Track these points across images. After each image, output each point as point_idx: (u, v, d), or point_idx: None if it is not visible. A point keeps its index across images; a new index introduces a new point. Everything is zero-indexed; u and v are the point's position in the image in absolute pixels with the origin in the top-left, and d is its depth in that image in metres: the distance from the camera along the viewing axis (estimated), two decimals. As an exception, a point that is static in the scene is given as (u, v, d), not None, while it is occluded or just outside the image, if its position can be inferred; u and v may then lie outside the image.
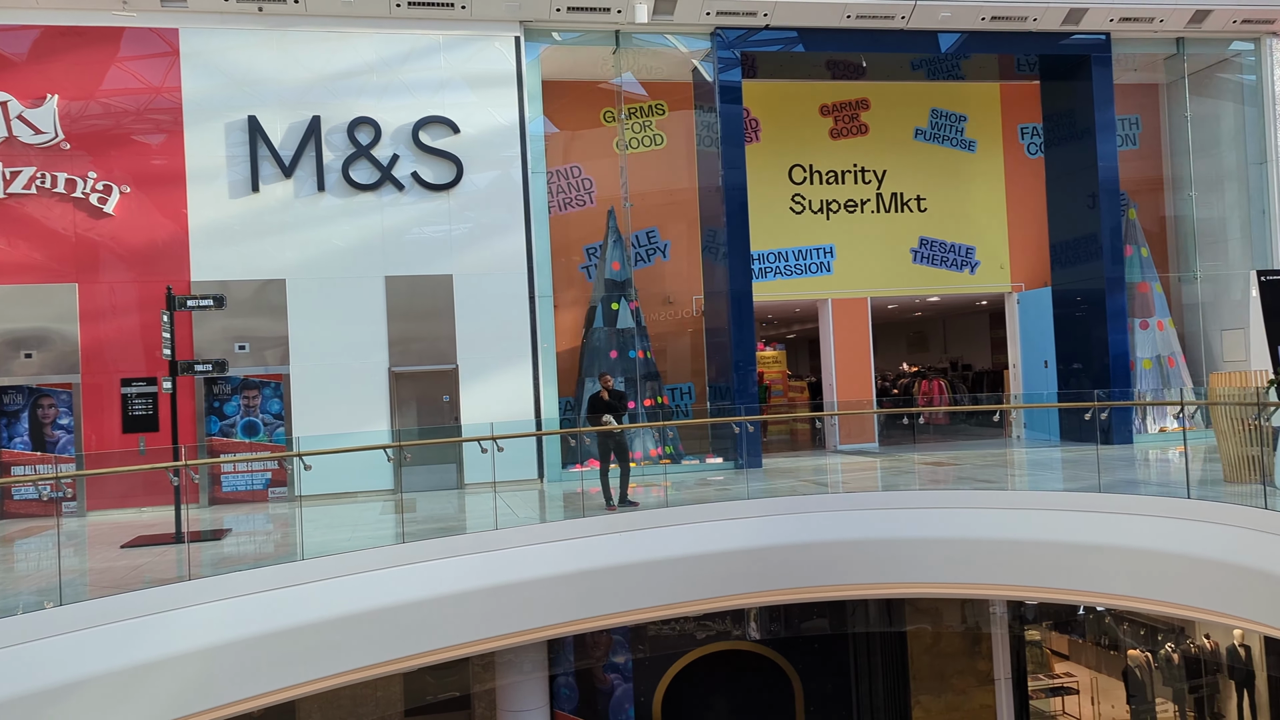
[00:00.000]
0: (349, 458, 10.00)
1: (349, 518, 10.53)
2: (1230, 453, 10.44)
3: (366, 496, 11.99)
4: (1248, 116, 15.93)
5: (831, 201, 16.19)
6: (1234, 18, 14.87)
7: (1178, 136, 16.87)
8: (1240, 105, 16.06)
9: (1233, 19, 14.89)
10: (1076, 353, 15.59)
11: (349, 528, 9.98)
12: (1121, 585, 9.90)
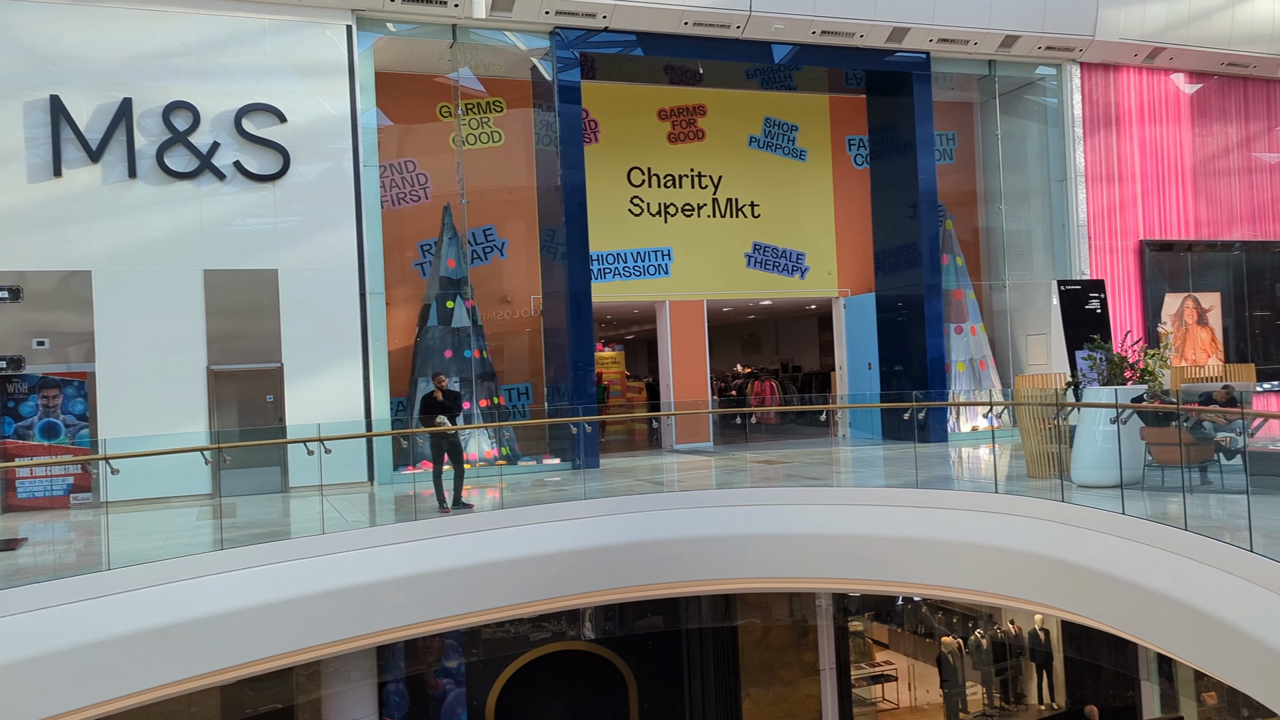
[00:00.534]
0: (163, 461, 9.42)
1: (162, 524, 9.92)
2: (1033, 449, 11.16)
3: (181, 502, 11.32)
4: (1051, 136, 17.10)
5: (669, 205, 16.42)
6: (1039, 44, 15.94)
7: (989, 153, 17.95)
8: (1045, 125, 17.24)
9: (1038, 45, 15.96)
10: (898, 355, 16.36)
11: (162, 535, 9.40)
12: (937, 576, 10.41)
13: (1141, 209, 17.91)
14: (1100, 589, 8.61)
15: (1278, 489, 8.67)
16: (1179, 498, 8.55)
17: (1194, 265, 18.63)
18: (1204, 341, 18.77)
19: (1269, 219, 19.03)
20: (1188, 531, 7.71)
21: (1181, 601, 7.57)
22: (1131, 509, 8.68)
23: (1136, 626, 8.47)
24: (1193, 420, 9.91)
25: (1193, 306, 18.68)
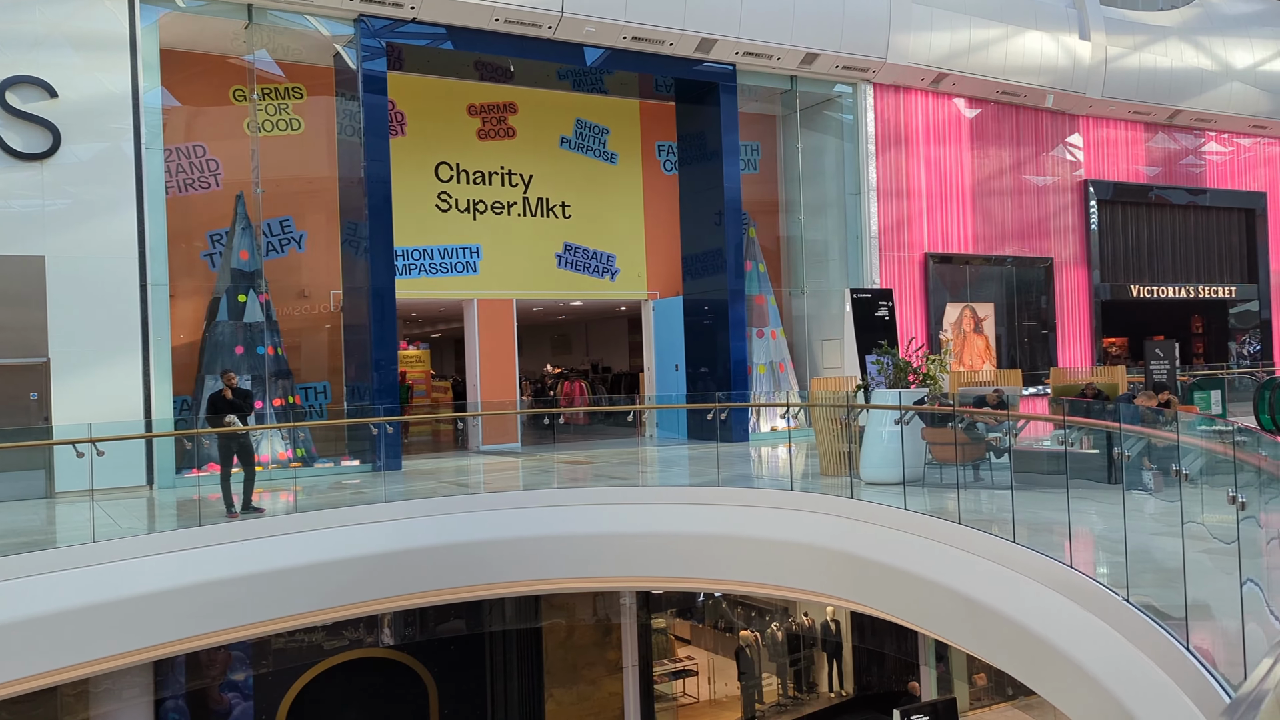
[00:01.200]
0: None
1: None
2: (826, 449, 11.68)
3: (-75, 510, 10.19)
4: (847, 152, 17.99)
5: (479, 202, 16.19)
6: (837, 63, 16.73)
7: (790, 165, 18.69)
8: (841, 141, 18.11)
9: (836, 64, 16.75)
10: (704, 358, 16.76)
11: (-102, 548, 8.42)
12: (737, 571, 10.71)
13: (927, 224, 19.11)
14: (884, 580, 9.08)
15: (1039, 484, 9.44)
16: (956, 493, 9.14)
17: (972, 277, 20.06)
18: (980, 348, 20.22)
19: (1036, 236, 20.72)
20: (961, 525, 8.25)
21: (955, 590, 8.08)
22: (913, 504, 9.20)
23: (916, 615, 8.98)
24: (967, 421, 10.63)
25: (970, 316, 20.09)
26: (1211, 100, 21.73)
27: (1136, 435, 7.11)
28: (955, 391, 13.00)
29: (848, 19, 16.37)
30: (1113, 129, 21.80)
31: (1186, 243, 23.31)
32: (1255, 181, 23.89)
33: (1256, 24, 22.65)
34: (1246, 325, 24.27)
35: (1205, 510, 5.29)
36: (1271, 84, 22.39)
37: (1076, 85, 19.79)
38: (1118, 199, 21.98)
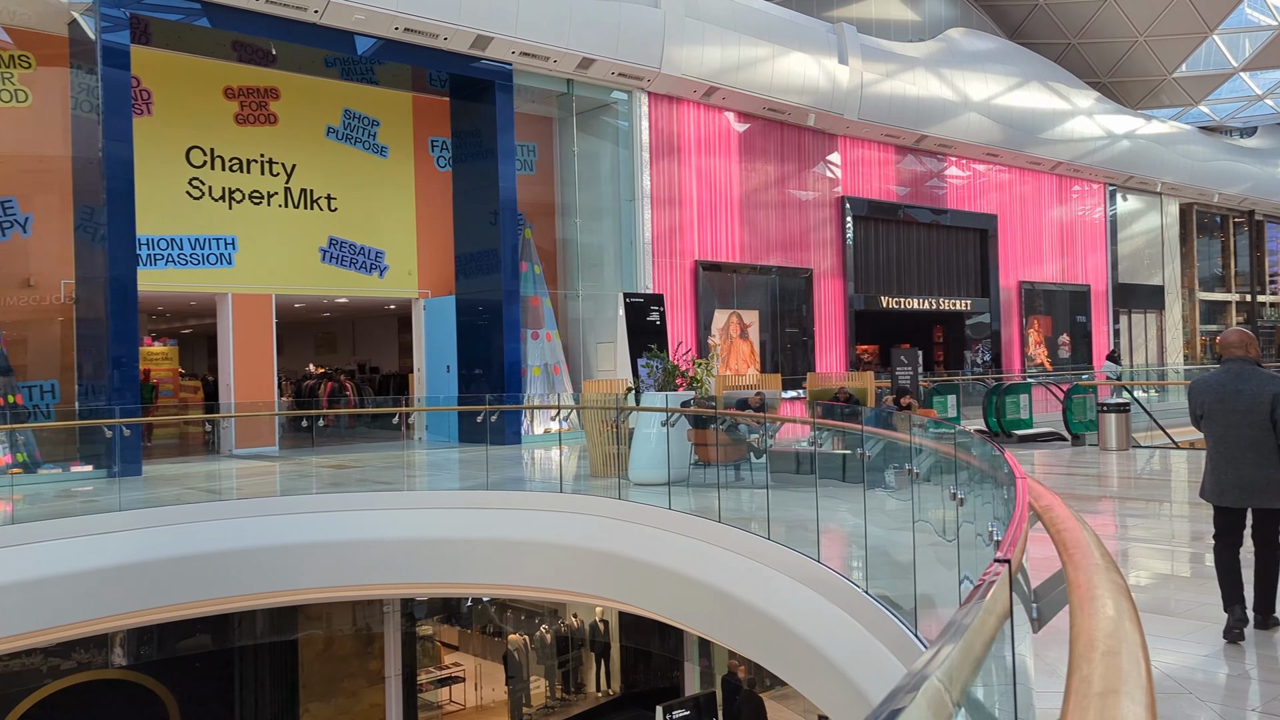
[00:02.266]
0: None
1: None
2: (596, 450, 11.76)
3: None
4: (622, 158, 18.25)
5: (235, 190, 15.22)
6: (613, 70, 16.94)
7: (567, 168, 18.76)
8: (617, 147, 18.36)
9: (612, 71, 16.95)
10: (477, 359, 16.51)
11: None
12: (506, 575, 10.60)
13: (698, 232, 19.70)
14: (649, 580, 9.23)
15: (795, 483, 9.89)
16: (717, 493, 9.41)
17: (739, 285, 20.85)
18: (745, 353, 21.05)
19: (798, 248, 21.82)
20: (721, 523, 8.50)
21: (714, 587, 8.32)
22: (677, 504, 9.41)
23: (679, 613, 9.19)
24: (728, 423, 11.00)
25: (737, 322, 20.88)
26: (952, 128, 23.65)
27: (877, 437, 7.57)
28: (720, 394, 13.44)
29: (624, 27, 16.61)
30: (868, 149, 23.31)
31: (930, 258, 25.24)
32: (988, 204, 26.22)
33: (991, 61, 24.88)
34: (980, 336, 26.58)
35: (933, 507, 5.68)
36: (1002, 116, 24.64)
37: (836, 106, 20.99)
38: (871, 215, 23.51)
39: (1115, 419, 13.89)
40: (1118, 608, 1.64)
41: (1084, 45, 27.88)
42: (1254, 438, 5.08)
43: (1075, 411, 14.91)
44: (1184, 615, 5.58)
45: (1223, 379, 5.29)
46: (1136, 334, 31.07)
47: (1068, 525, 2.48)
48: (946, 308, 25.51)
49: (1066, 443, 15.01)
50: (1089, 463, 13.18)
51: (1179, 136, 29.84)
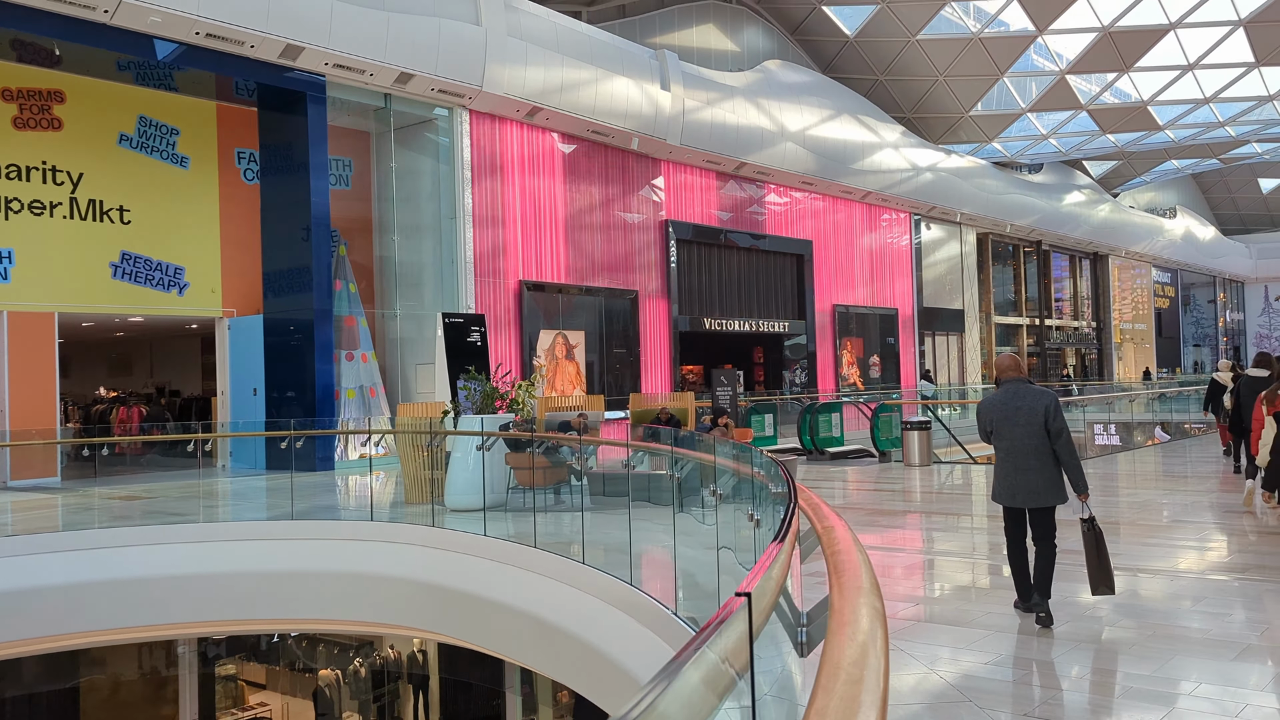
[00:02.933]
0: None
1: None
2: (411, 476, 11.38)
3: None
4: (443, 175, 17.89)
5: (13, 200, 13.99)
6: (432, 86, 16.59)
7: (384, 184, 18.23)
8: (439, 164, 17.98)
9: (431, 87, 16.61)
10: (288, 381, 15.74)
11: None
12: (314, 609, 10.09)
13: (522, 252, 19.53)
14: (465, 609, 8.96)
15: (616, 506, 9.84)
16: (533, 518, 9.24)
17: (565, 306, 20.79)
18: (571, 374, 20.98)
19: (624, 270, 21.97)
20: (538, 549, 8.34)
21: (531, 614, 8.14)
22: (494, 530, 9.19)
23: (496, 642, 8.95)
24: (547, 445, 10.85)
25: (563, 343, 20.79)
26: (770, 156, 24.44)
27: (687, 458, 7.61)
28: (542, 416, 13.30)
29: (444, 43, 16.32)
30: (690, 174, 23.77)
31: (750, 282, 25.95)
32: (804, 230, 27.22)
33: (806, 93, 25.90)
34: (797, 357, 27.50)
35: (739, 528, 5.73)
36: (816, 147, 25.66)
37: (659, 131, 21.31)
38: (694, 239, 23.97)
39: (918, 436, 14.57)
40: (870, 635, 1.61)
41: (890, 82, 29.45)
42: (1035, 446, 5.83)
43: (882, 430, 15.56)
44: (974, 625, 5.81)
45: (1004, 398, 6.03)
46: (940, 355, 32.91)
47: (843, 548, 2.47)
48: (766, 329, 26.27)
49: (875, 459, 15.65)
50: (894, 478, 13.76)
51: (976, 171, 31.91)
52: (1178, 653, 5.15)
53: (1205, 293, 51.70)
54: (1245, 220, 52.67)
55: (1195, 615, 5.94)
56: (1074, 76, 29.09)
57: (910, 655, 5.19)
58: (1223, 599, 6.34)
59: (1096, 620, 5.88)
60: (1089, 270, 42.08)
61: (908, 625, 5.84)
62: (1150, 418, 23.03)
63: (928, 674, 4.91)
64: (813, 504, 3.70)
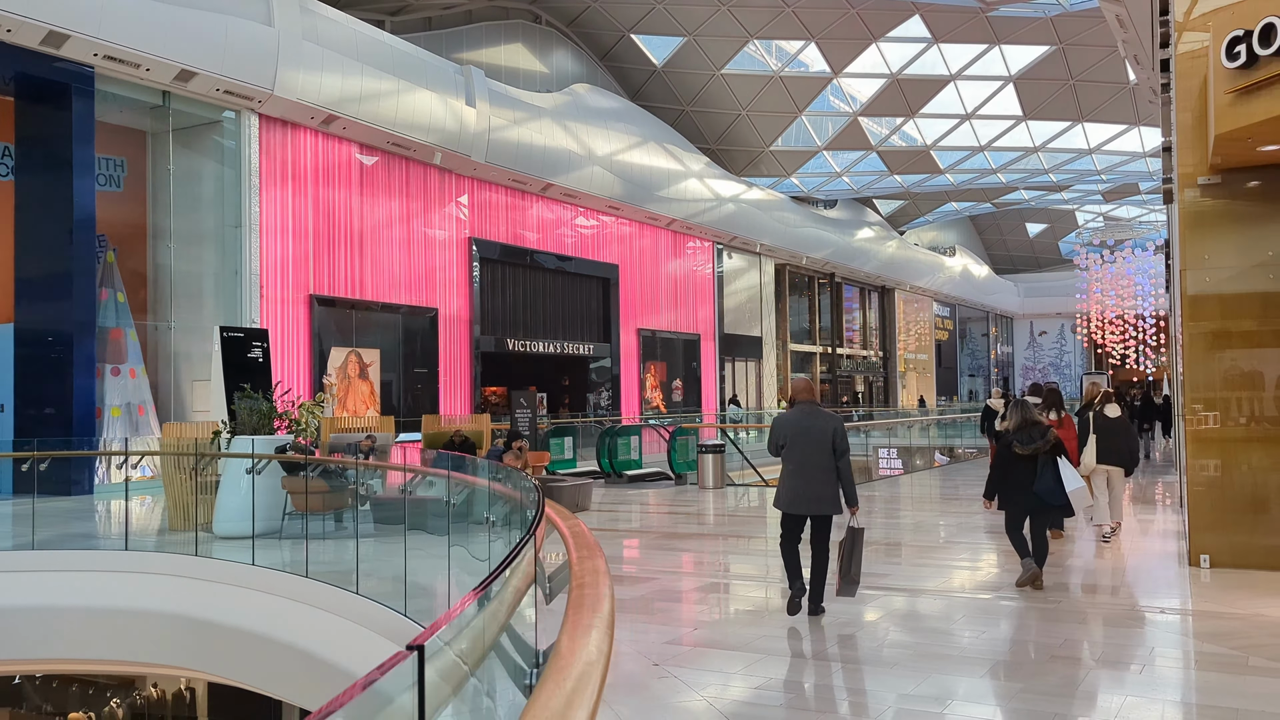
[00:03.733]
0: None
1: None
2: (175, 501, 10.55)
3: None
4: (228, 180, 16.87)
5: None
6: (217, 86, 15.64)
7: (161, 187, 17.01)
8: (223, 168, 16.94)
9: (216, 87, 15.65)
10: (43, 397, 14.35)
11: None
12: (60, 648, 9.16)
13: (314, 265, 18.68)
14: (232, 644, 8.34)
15: (395, 534, 9.42)
16: (305, 545, 8.72)
17: (359, 323, 20.02)
18: (365, 394, 20.20)
19: (424, 288, 21.41)
20: (309, 579, 7.85)
21: (302, 649, 7.64)
22: (266, 559, 8.61)
23: (265, 680, 8.36)
24: (323, 468, 10.31)
25: (356, 361, 20.00)
26: (577, 179, 24.51)
27: (466, 484, 7.37)
28: (327, 438, 12.66)
29: (231, 42, 15.43)
30: (496, 193, 23.50)
31: (556, 304, 25.89)
32: (611, 255, 27.44)
33: (614, 119, 26.19)
34: (602, 380, 27.62)
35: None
36: (623, 172, 25.96)
37: (463, 148, 20.95)
38: (500, 258, 23.68)
39: (712, 459, 14.82)
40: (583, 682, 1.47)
41: (696, 113, 30.24)
42: (820, 462, 6.55)
43: (679, 453, 15.75)
44: (743, 649, 5.83)
45: (797, 417, 6.72)
46: (739, 380, 33.89)
47: (589, 581, 2.33)
48: (572, 352, 26.25)
49: (671, 482, 15.82)
50: (689, 501, 13.92)
51: (775, 204, 33.18)
52: (942, 670, 5.33)
53: (980, 326, 55.77)
54: (1015, 261, 57.27)
55: (962, 632, 6.21)
56: (865, 119, 30.78)
57: (683, 682, 5.14)
58: (988, 617, 6.66)
59: (874, 639, 6.04)
60: (877, 302, 44.53)
61: (688, 651, 5.80)
62: (927, 444, 24.49)
63: (699, 701, 4.86)
64: (576, 532, 3.56)
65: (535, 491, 4.25)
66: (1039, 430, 7.27)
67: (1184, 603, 6.83)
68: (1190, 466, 7.86)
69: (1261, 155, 7.02)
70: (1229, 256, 7.63)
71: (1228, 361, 7.69)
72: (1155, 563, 8.50)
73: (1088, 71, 27.17)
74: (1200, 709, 4.56)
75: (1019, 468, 7.31)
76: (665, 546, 10.11)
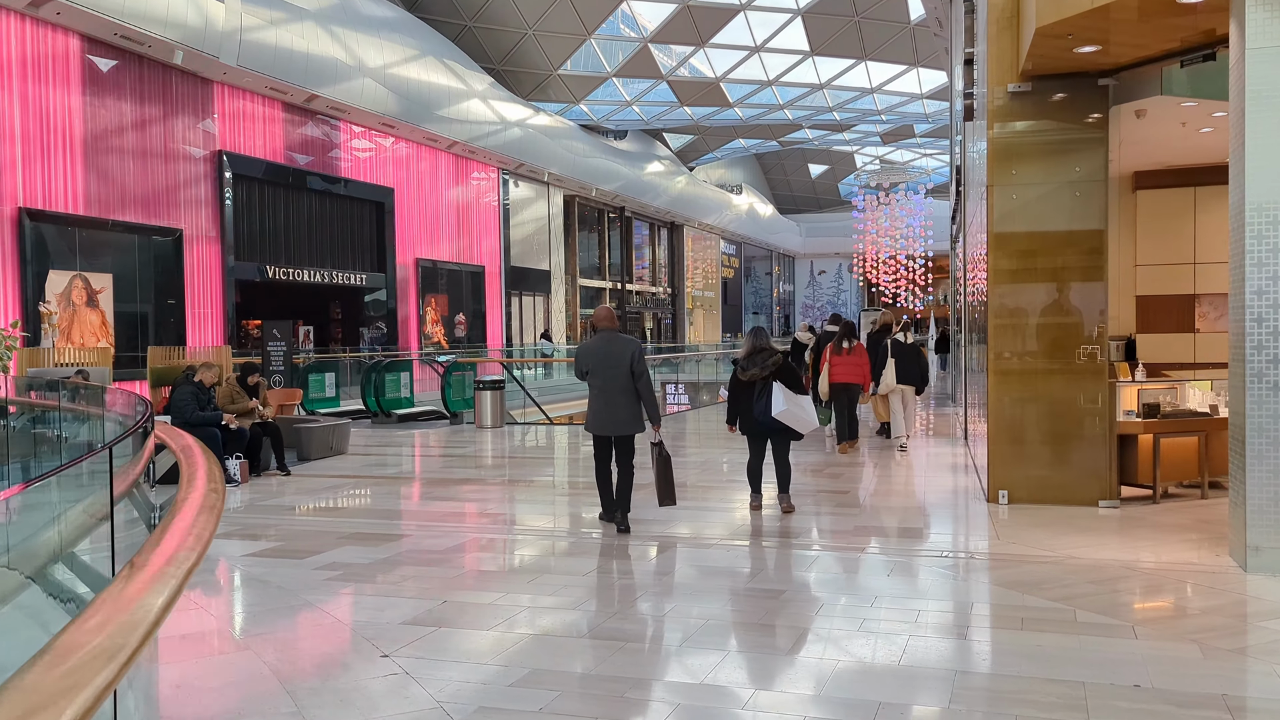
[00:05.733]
0: None
1: None
2: None
3: None
4: (-99, 66, 13.96)
5: None
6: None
7: None
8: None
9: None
10: None
11: None
12: None
13: (23, 174, 15.97)
14: None
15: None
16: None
17: (85, 243, 17.39)
18: (95, 324, 17.67)
19: (165, 205, 18.89)
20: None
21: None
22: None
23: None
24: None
25: (83, 287, 17.42)
26: (346, 91, 22.33)
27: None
28: (23, 373, 10.59)
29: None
30: (252, 103, 21.04)
31: (324, 229, 23.72)
32: (386, 178, 25.42)
33: (389, 29, 24.02)
34: (378, 313, 25.74)
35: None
36: (399, 87, 23.92)
37: (210, 47, 18.46)
38: (256, 176, 21.30)
39: (490, 396, 13.68)
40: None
41: (479, 29, 28.36)
42: (622, 385, 6.80)
43: (454, 390, 14.50)
44: (501, 626, 4.82)
45: (600, 344, 6.91)
46: (526, 315, 32.73)
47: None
48: (343, 282, 24.21)
49: (446, 421, 14.57)
50: (464, 441, 12.74)
51: (564, 131, 31.89)
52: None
53: (764, 265, 56.93)
54: (798, 201, 58.66)
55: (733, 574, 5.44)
56: (656, 45, 29.89)
57: (414, 678, 4.06)
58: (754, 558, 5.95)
59: (665, 578, 5.16)
60: (666, 238, 44.32)
61: (429, 635, 4.71)
62: (715, 378, 24.26)
63: (431, 708, 3.79)
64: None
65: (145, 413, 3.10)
66: (765, 355, 7.25)
67: (991, 544, 6.36)
68: (992, 400, 7.44)
69: (1076, 59, 6.51)
70: (1036, 174, 7.15)
71: (1032, 288, 7.26)
72: (952, 499, 8.14)
73: (873, 9, 27.36)
74: (1046, 684, 3.93)
75: (745, 393, 7.36)
76: (428, 496, 8.93)
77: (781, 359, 7.25)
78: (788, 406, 7.06)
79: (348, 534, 6.89)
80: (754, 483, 7.51)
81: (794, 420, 7.14)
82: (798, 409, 7.12)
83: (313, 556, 6.21)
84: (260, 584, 5.61)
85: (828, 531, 6.85)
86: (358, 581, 5.61)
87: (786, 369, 7.26)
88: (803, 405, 7.15)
